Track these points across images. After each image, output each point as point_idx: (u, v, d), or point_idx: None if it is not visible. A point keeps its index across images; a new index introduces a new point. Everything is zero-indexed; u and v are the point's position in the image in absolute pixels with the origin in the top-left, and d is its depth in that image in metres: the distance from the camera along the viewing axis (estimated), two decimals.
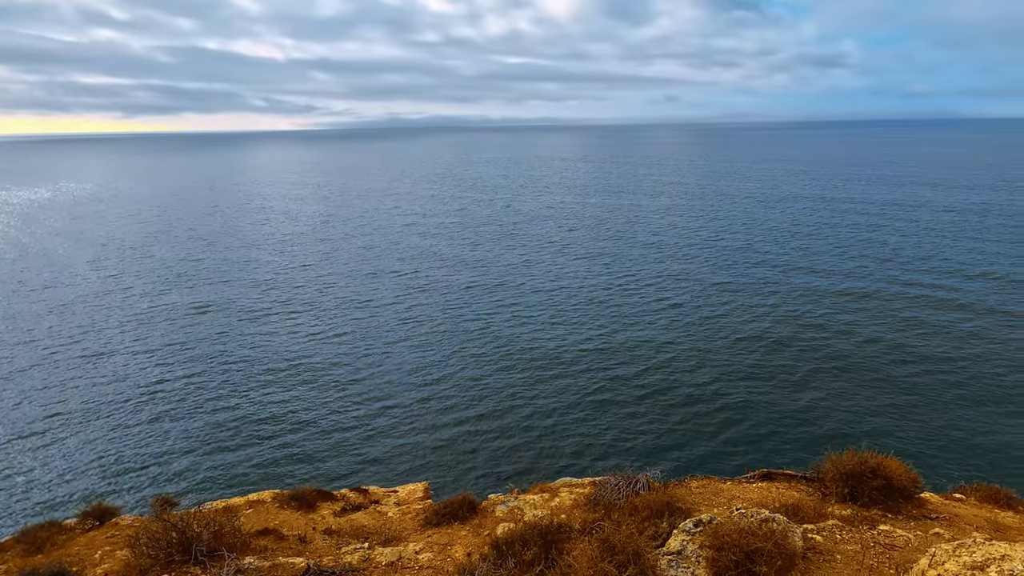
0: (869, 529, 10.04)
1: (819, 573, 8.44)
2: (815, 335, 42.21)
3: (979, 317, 44.47)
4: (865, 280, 55.51)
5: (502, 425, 31.34)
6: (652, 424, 30.66)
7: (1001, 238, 71.04)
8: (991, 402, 31.91)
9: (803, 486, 13.01)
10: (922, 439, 28.56)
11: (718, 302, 50.56)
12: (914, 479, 11.96)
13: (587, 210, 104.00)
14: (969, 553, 7.23)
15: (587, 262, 65.93)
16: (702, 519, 8.47)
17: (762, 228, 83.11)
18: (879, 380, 34.91)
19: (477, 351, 41.38)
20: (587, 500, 12.60)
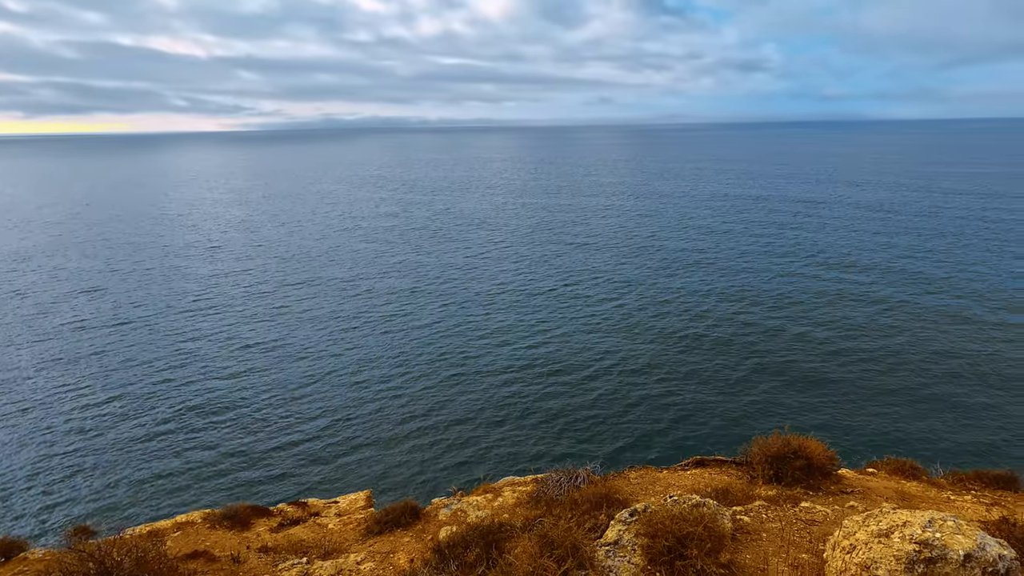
0: (792, 507, 10.67)
1: (746, 551, 8.88)
2: (747, 329, 44.39)
3: (893, 309, 48.11)
4: (790, 277, 58.86)
5: (446, 430, 31.13)
6: (594, 420, 31.30)
7: (907, 231, 77.16)
8: (902, 386, 34.60)
9: (733, 470, 13.65)
10: (840, 420, 30.62)
11: (655, 301, 52.22)
12: (831, 457, 12.81)
13: (528, 211, 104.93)
14: (876, 523, 7.82)
15: (529, 264, 66.51)
16: (637, 508, 8.73)
17: (695, 227, 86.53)
18: (804, 368, 37.14)
19: (421, 357, 40.91)
20: (529, 498, 12.72)
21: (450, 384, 36.29)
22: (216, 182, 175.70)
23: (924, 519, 7.58)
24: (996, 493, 13.58)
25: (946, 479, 14.26)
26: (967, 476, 14.41)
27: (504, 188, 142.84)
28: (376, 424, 31.86)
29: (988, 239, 71.03)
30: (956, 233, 74.72)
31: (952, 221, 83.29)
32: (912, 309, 46.75)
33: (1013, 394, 32.70)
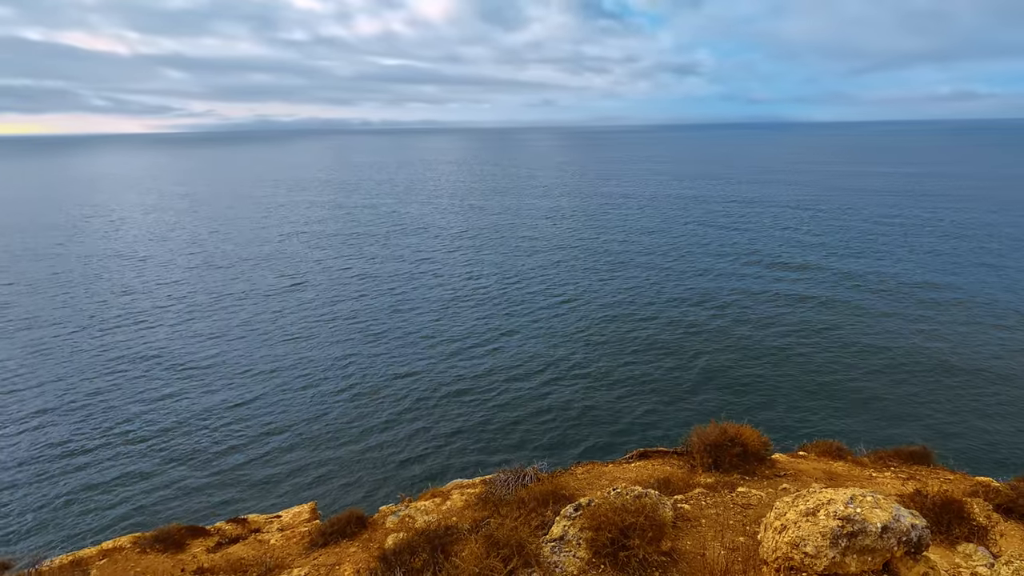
0: (729, 492, 11.11)
1: (687, 538, 9.18)
2: (689, 327, 45.94)
3: (822, 305, 50.96)
4: (725, 276, 61.35)
5: (394, 437, 30.63)
6: (542, 420, 31.58)
7: (825, 230, 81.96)
8: (829, 374, 36.72)
9: (676, 460, 14.09)
10: (774, 408, 32.18)
11: (601, 302, 53.23)
12: (765, 443, 13.43)
13: (475, 213, 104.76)
14: (804, 502, 8.25)
15: (478, 267, 66.39)
16: (581, 503, 8.86)
17: (638, 229, 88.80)
18: (742, 361, 38.80)
19: (367, 365, 40.08)
20: (478, 499, 12.68)
21: (398, 391, 35.72)
22: (141, 186, 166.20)
23: (846, 496, 8.05)
24: (912, 468, 14.62)
25: (869, 458, 15.23)
26: (887, 454, 15.44)
27: (450, 190, 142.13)
28: (321, 435, 30.97)
29: (900, 236, 76.43)
30: (872, 232, 79.98)
31: (868, 221, 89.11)
32: (837, 305, 49.67)
33: (929, 380, 35.30)
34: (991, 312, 45.64)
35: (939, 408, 31.60)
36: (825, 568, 7.55)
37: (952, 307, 47.07)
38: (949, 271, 57.57)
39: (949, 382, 34.44)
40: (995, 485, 13.25)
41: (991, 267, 58.60)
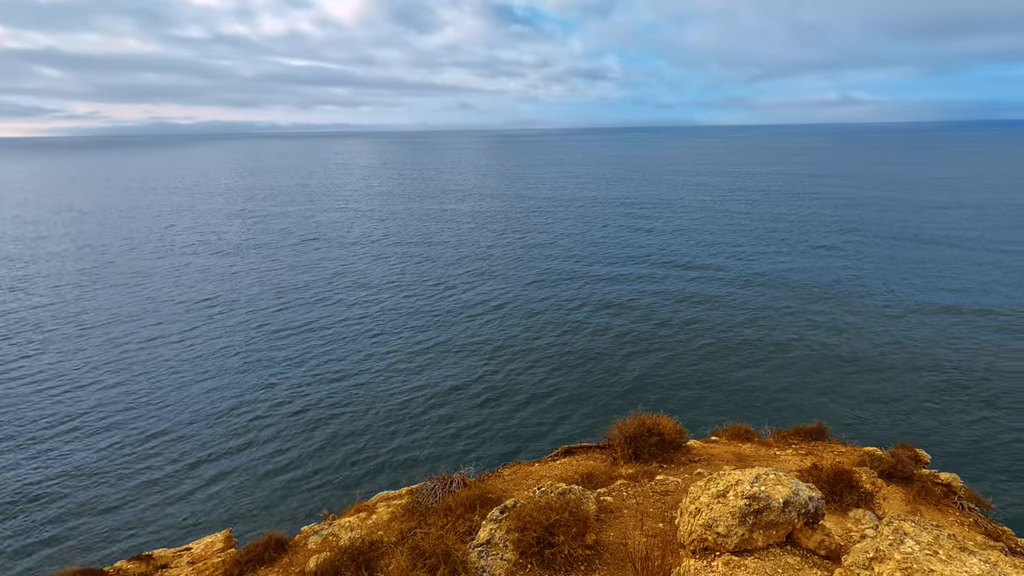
0: (649, 481, 11.57)
1: (610, 529, 9.46)
2: (607, 325, 47.47)
3: (726, 300, 54.29)
4: (639, 277, 63.99)
5: (309, 452, 29.38)
6: (469, 425, 31.48)
7: (727, 229, 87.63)
8: (738, 364, 39.24)
9: (599, 454, 14.49)
10: (688, 397, 33.95)
11: (524, 305, 53.86)
12: (680, 431, 14.11)
13: (394, 218, 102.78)
14: (715, 485, 8.74)
15: (401, 273, 65.16)
16: (507, 505, 8.89)
17: (555, 229, 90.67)
18: (656, 354, 40.61)
19: (283, 379, 38.22)
20: (405, 510, 12.42)
21: (317, 405, 34.33)
22: (13, 197, 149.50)
23: (752, 476, 8.61)
24: (810, 444, 15.89)
25: (773, 437, 16.39)
26: (789, 433, 16.68)
27: (367, 194, 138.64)
28: (235, 457, 29.15)
29: (793, 232, 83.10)
30: (766, 229, 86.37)
31: (762, 219, 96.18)
32: (738, 301, 53.16)
33: (825, 365, 38.56)
34: (879, 303, 50.59)
35: (833, 389, 34.62)
36: (736, 545, 8.04)
37: (844, 300, 51.73)
38: (842, 267, 63.25)
39: (842, 366, 37.79)
40: (879, 454, 14.67)
41: (880, 260, 64.99)
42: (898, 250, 67.82)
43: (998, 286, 52.71)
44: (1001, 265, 59.70)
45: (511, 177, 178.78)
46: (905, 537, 7.47)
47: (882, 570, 6.99)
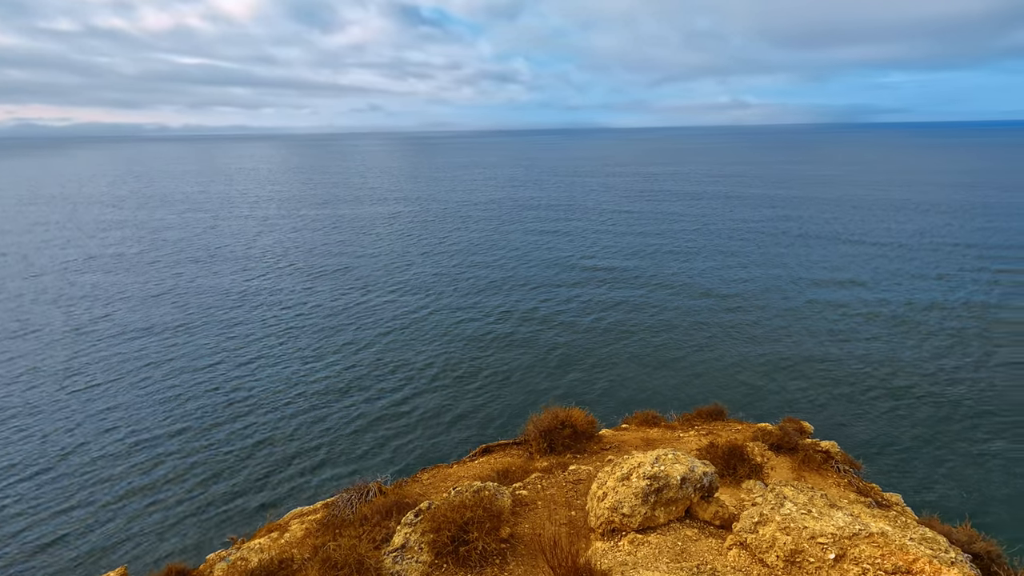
0: (562, 472, 11.97)
1: (525, 521, 9.71)
2: (523, 324, 48.26)
3: (631, 298, 56.83)
4: (555, 279, 65.60)
5: (213, 471, 27.63)
6: (385, 433, 30.91)
7: (632, 230, 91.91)
8: (647, 356, 41.24)
9: (516, 450, 14.77)
10: (599, 390, 35.29)
11: (441, 307, 53.58)
12: (592, 422, 14.68)
13: (306, 224, 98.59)
14: (619, 469, 9.23)
15: (315, 280, 62.65)
16: (422, 508, 8.90)
17: (471, 232, 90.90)
18: (568, 351, 41.84)
19: (190, 397, 35.63)
20: (320, 525, 12.04)
21: (226, 420, 32.31)
22: None
23: (652, 458, 9.18)
24: (711, 424, 17.05)
25: (678, 421, 17.43)
26: (692, 416, 17.80)
27: (276, 200, 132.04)
28: (127, 485, 26.82)
29: (698, 232, 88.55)
30: (670, 230, 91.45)
31: (667, 220, 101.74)
32: (648, 300, 55.92)
33: (722, 354, 41.37)
34: (775, 297, 54.95)
35: (733, 373, 37.27)
36: (640, 524, 8.53)
37: (740, 296, 55.74)
38: (741, 265, 68.09)
39: (740, 354, 40.74)
40: (769, 428, 16.01)
41: (773, 256, 70.56)
42: (789, 246, 74.07)
43: (871, 277, 58.96)
44: (880, 256, 66.84)
45: (426, 180, 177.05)
46: (785, 500, 8.26)
47: (765, 531, 7.69)
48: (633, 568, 6.89)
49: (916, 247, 68.71)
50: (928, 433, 29.20)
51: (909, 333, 42.32)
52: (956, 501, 24.11)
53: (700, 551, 8.00)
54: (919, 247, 68.75)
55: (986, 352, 38.50)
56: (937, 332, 42.35)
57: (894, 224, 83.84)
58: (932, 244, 70.06)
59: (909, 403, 32.24)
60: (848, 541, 7.18)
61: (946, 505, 23.52)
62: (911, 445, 28.32)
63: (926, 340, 40.86)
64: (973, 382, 34.43)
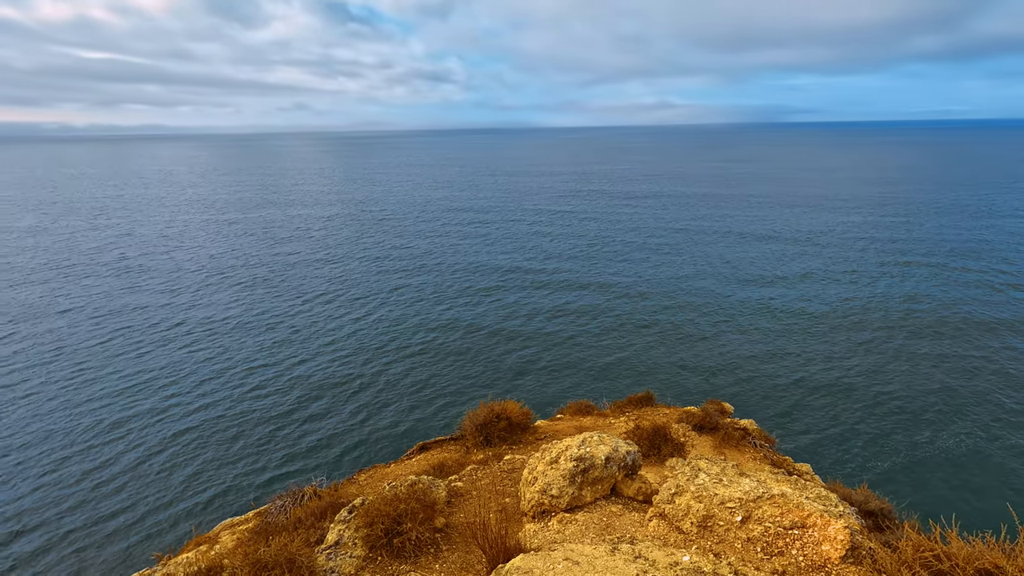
0: (497, 463, 12.28)
1: (460, 512, 9.94)
2: (455, 323, 48.37)
3: (567, 295, 58.12)
4: (493, 276, 66.05)
5: (133, 488, 26.22)
6: (322, 436, 30.28)
7: (562, 233, 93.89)
8: (582, 352, 42.36)
9: (453, 446, 14.95)
10: (536, 384, 36.00)
11: (374, 304, 52.81)
12: (527, 414, 15.08)
13: (234, 228, 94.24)
14: (549, 454, 9.62)
15: (243, 290, 60.07)
16: (355, 504, 8.96)
17: (411, 234, 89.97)
18: (504, 346, 42.38)
19: (112, 412, 33.43)
20: (252, 534, 11.78)
21: (144, 436, 30.60)
22: None
23: (579, 441, 9.63)
24: (640, 410, 17.87)
25: (610, 409, 18.15)
26: (623, 403, 18.58)
27: (198, 204, 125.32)
28: (36, 508, 24.97)
29: (631, 229, 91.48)
30: (602, 229, 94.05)
31: (600, 216, 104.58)
32: (583, 296, 57.37)
33: (653, 344, 43.08)
34: (702, 294, 57.60)
35: (662, 362, 38.93)
36: (568, 504, 8.95)
37: (674, 293, 58.12)
38: (669, 262, 70.88)
39: (669, 343, 42.56)
40: (693, 410, 16.99)
41: (699, 253, 73.85)
42: (716, 244, 77.84)
43: (790, 272, 62.96)
44: (807, 254, 71.38)
45: (362, 181, 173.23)
46: (699, 472, 8.91)
47: (681, 501, 8.29)
48: (560, 544, 7.26)
49: (830, 243, 73.95)
50: (838, 413, 31.64)
51: (822, 324, 45.59)
52: (858, 469, 26.31)
53: (624, 524, 8.50)
54: (833, 243, 74.03)
55: (888, 342, 42.06)
56: (847, 325, 45.85)
57: (811, 220, 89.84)
58: (845, 239, 75.61)
59: (821, 386, 34.79)
60: (753, 504, 7.86)
61: (849, 473, 25.64)
62: (822, 423, 30.62)
63: (836, 331, 44.13)
64: (875, 369, 37.58)
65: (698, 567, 6.48)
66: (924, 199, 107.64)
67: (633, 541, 7.14)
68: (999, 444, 28.01)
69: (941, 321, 44.19)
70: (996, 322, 43.94)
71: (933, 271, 57.93)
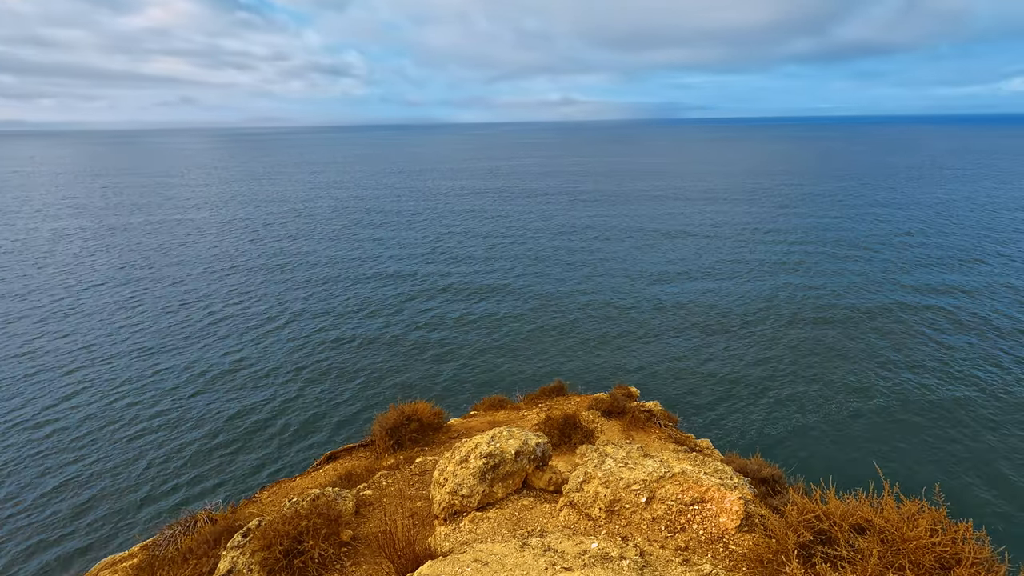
0: (409, 466, 11.92)
1: (370, 521, 9.53)
2: (359, 329, 46.98)
3: (477, 292, 58.18)
4: (396, 278, 64.73)
5: (10, 522, 23.22)
6: (211, 457, 28.23)
7: (477, 230, 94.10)
8: (496, 348, 42.55)
9: (363, 452, 14.39)
10: (448, 382, 35.73)
11: (275, 312, 50.09)
12: (439, 413, 14.80)
13: (115, 235, 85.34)
14: (459, 453, 9.44)
15: (133, 302, 54.58)
16: (250, 527, 8.31)
17: (316, 235, 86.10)
18: (412, 350, 41.73)
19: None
20: (136, 570, 10.67)
21: (24, 465, 27.04)
22: None
23: (488, 437, 9.53)
24: (553, 400, 18.13)
25: (523, 402, 18.27)
26: (535, 395, 18.77)
27: (72, 209, 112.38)
28: None
29: (535, 228, 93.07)
30: (510, 226, 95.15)
31: (508, 214, 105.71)
32: (485, 290, 57.69)
33: (561, 336, 44.13)
34: (606, 289, 59.60)
35: (574, 352, 40.01)
36: (479, 502, 8.82)
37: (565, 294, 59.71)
38: (584, 262, 72.76)
39: (576, 335, 43.78)
40: (603, 397, 17.47)
41: (609, 248, 76.39)
42: (623, 240, 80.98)
43: (690, 265, 66.77)
44: (705, 248, 75.74)
45: (261, 181, 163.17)
46: (606, 457, 9.08)
47: (589, 488, 8.40)
48: (471, 545, 7.11)
49: (727, 236, 79.24)
50: (735, 390, 34.01)
51: (717, 312, 48.79)
52: (754, 440, 28.45)
53: (535, 517, 8.51)
54: (729, 236, 79.38)
55: (778, 328, 45.77)
56: (741, 312, 49.36)
57: (708, 214, 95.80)
58: (738, 231, 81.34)
59: (719, 368, 37.24)
60: (656, 484, 8.12)
61: (745, 443, 27.65)
62: (721, 400, 32.79)
63: (729, 317, 47.38)
64: (766, 352, 40.80)
65: (605, 552, 6.58)
66: (806, 191, 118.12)
67: (543, 534, 7.12)
68: (870, 408, 31.35)
69: (822, 307, 48.67)
70: (874, 307, 49.16)
71: (818, 260, 63.74)
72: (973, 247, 65.61)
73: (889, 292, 50.68)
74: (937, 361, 36.82)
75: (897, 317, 44.53)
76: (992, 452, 27.11)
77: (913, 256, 62.36)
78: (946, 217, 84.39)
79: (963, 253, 63.10)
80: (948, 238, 70.38)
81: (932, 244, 67.39)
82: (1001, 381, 33.91)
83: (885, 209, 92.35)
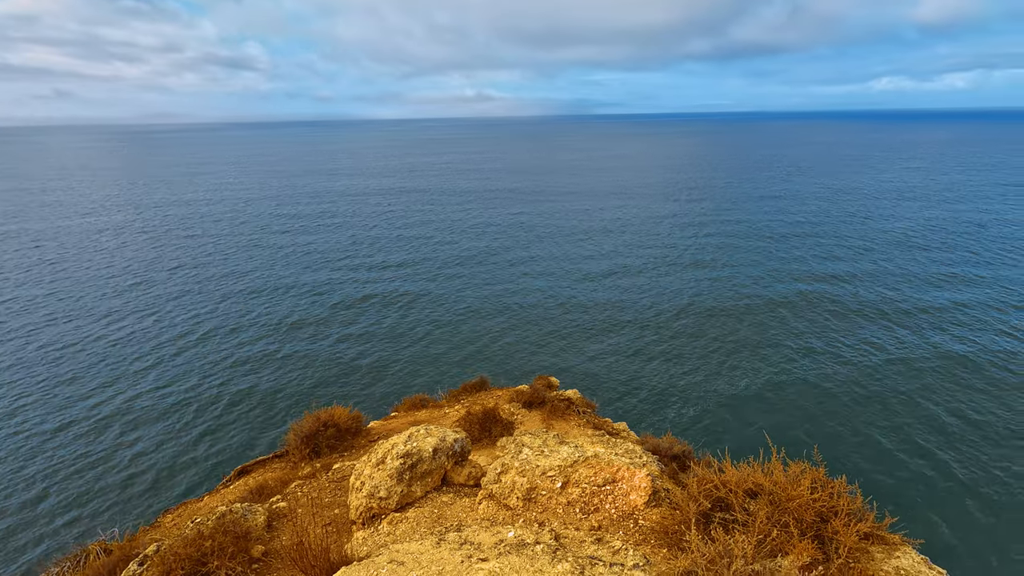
0: (326, 474, 11.56)
1: (284, 534, 9.14)
2: (277, 332, 44.99)
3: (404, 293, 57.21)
4: (310, 279, 62.41)
5: None
6: (109, 478, 26.08)
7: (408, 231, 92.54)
8: (417, 346, 42.06)
9: (278, 463, 13.77)
10: (368, 386, 35.00)
11: (177, 325, 46.81)
12: (357, 417, 14.44)
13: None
14: (375, 455, 9.27)
15: (27, 315, 48.78)
16: (147, 554, 7.76)
17: (220, 242, 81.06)
18: (329, 362, 40.52)
19: None
20: None
21: None
22: None
23: (405, 436, 9.42)
24: (475, 395, 18.17)
25: (445, 399, 18.18)
26: (458, 391, 18.72)
27: None
28: None
29: (446, 226, 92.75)
30: (429, 227, 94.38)
31: (426, 214, 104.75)
32: (410, 290, 56.98)
33: (478, 332, 44.36)
34: (532, 284, 60.33)
35: (496, 347, 40.32)
36: (398, 503, 8.72)
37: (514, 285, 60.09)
38: (505, 260, 73.13)
39: (501, 329, 44.17)
40: (524, 389, 17.74)
41: (535, 245, 77.22)
42: (546, 238, 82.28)
43: (607, 261, 69.00)
44: (622, 244, 78.27)
45: (158, 184, 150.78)
46: (523, 447, 9.25)
47: (507, 478, 8.53)
48: (388, 547, 7.02)
49: (636, 231, 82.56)
50: (649, 376, 35.66)
51: (629, 304, 50.88)
52: (668, 420, 30.01)
53: (455, 513, 8.52)
54: (637, 231, 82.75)
55: (680, 317, 48.36)
56: (653, 305, 51.71)
57: (620, 209, 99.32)
58: (648, 225, 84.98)
59: (635, 355, 38.89)
60: (570, 469, 8.38)
61: (656, 423, 29.11)
62: (637, 385, 34.29)
63: (643, 310, 49.57)
64: (680, 343, 43.04)
65: (522, 540, 6.71)
66: (712, 184, 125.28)
67: (460, 528, 7.16)
68: (761, 385, 33.93)
69: (728, 298, 52.02)
70: (775, 296, 53.04)
71: (726, 252, 67.84)
72: (858, 235, 72.40)
73: (789, 282, 54.96)
74: (825, 342, 40.44)
75: (793, 304, 48.40)
76: (862, 418, 30.14)
77: (808, 246, 67.93)
78: (836, 205, 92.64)
79: (852, 241, 69.47)
80: (839, 227, 77.23)
81: (825, 233, 73.69)
82: (878, 360, 37.81)
83: (780, 201, 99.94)
